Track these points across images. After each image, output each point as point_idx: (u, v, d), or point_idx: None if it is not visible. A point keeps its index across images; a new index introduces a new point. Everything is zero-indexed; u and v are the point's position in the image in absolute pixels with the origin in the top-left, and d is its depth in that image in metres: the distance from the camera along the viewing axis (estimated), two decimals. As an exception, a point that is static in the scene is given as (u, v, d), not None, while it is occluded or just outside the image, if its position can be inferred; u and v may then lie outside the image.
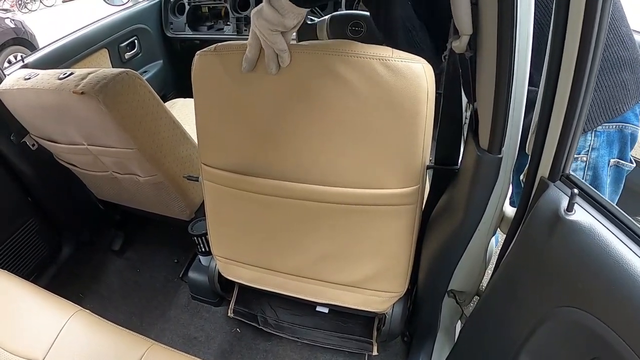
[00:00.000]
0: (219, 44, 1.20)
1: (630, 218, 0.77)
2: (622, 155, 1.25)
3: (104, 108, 1.53)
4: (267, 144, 1.26)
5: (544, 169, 0.89)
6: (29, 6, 13.10)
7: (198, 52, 1.22)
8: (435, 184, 1.39)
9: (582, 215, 0.79)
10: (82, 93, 1.51)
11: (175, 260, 2.49)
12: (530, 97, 0.93)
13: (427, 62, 1.06)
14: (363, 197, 1.25)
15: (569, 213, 0.80)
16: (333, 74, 1.09)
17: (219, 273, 1.82)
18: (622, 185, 1.33)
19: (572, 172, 0.88)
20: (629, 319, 0.74)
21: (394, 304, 1.62)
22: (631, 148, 1.26)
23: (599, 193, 0.82)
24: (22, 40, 6.18)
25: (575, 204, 0.80)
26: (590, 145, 1.20)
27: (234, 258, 1.66)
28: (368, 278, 1.48)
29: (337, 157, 1.21)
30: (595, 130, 1.19)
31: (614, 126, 1.19)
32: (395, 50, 1.07)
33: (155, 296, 2.34)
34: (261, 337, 2.04)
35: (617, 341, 0.75)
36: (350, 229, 1.36)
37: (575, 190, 0.77)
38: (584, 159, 1.22)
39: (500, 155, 0.96)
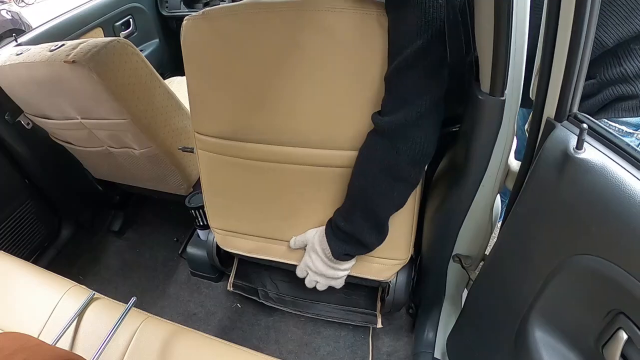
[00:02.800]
0: (208, 8, 1.19)
1: (643, 153, 0.73)
2: None
3: (96, 77, 1.50)
4: (260, 108, 1.25)
5: (550, 110, 0.84)
6: (25, -1, 13.03)
7: (186, 17, 1.21)
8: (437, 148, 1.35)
9: (593, 153, 0.75)
10: (73, 62, 1.49)
11: (175, 239, 2.48)
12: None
13: None
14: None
15: (579, 151, 0.75)
16: (323, 30, 1.08)
17: (218, 246, 1.79)
18: None
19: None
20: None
21: (397, 272, 1.58)
22: None
23: (609, 130, 0.78)
24: (19, 32, 6.14)
25: (585, 142, 0.75)
26: None
27: (231, 229, 1.64)
28: None
29: (331, 118, 1.20)
30: None
31: None
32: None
33: (156, 275, 2.33)
34: (262, 313, 2.03)
35: (639, 288, 0.71)
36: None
37: (585, 126, 0.73)
38: None
39: (503, 98, 0.92)
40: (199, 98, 1.33)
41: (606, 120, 1.20)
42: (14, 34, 2.20)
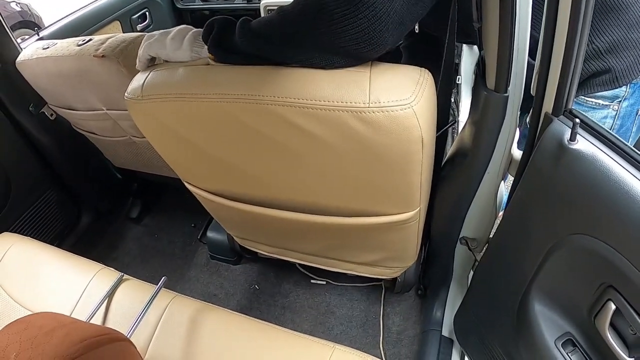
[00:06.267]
0: (146, 86, 1.05)
1: (629, 145, 0.82)
2: None
3: (125, 70, 1.56)
4: (248, 181, 1.22)
5: (548, 105, 0.93)
6: (33, -10, 12.96)
7: (126, 95, 1.08)
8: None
9: (585, 144, 0.84)
10: (103, 56, 1.55)
11: (193, 225, 2.54)
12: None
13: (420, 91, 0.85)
14: (360, 225, 1.23)
15: (572, 142, 0.84)
16: (296, 128, 0.91)
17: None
18: None
19: (599, 121, 0.91)
20: (633, 241, 0.78)
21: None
22: None
23: (599, 124, 0.87)
24: (29, 23, 6.14)
25: (578, 135, 0.84)
26: (623, 95, 1.25)
27: (249, 238, 1.73)
28: (378, 261, 1.53)
29: (324, 195, 1.16)
30: (631, 82, 1.24)
31: None
32: (372, 84, 0.84)
33: (174, 260, 2.40)
34: (279, 294, 2.11)
35: (625, 264, 0.80)
36: (353, 240, 1.40)
37: (577, 121, 0.82)
38: (615, 107, 1.28)
39: (506, 94, 1.00)
40: (176, 164, 1.30)
41: (583, 97, 1.29)
42: (35, 28, 2.25)
